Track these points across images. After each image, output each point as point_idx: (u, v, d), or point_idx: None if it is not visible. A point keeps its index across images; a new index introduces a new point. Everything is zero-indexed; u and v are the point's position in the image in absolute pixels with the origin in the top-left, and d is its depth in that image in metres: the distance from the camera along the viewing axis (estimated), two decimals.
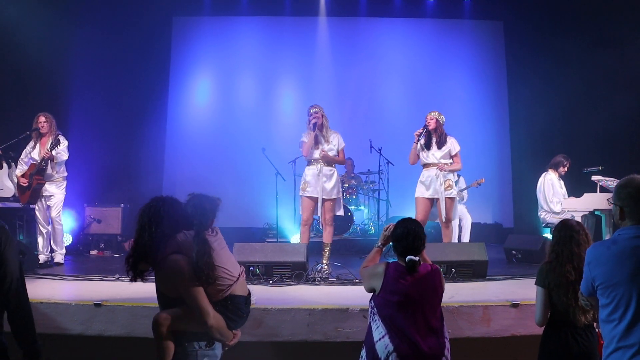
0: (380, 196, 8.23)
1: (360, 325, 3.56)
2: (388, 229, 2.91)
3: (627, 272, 2.04)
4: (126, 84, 8.80)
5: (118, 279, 4.86)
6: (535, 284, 2.81)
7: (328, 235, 5.44)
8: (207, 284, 2.46)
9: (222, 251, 2.61)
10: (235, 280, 2.60)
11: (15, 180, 5.98)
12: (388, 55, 9.81)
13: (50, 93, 7.91)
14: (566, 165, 6.58)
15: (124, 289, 4.39)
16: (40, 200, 5.85)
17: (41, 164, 5.70)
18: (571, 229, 2.80)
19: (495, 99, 9.85)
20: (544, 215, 6.56)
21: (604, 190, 5.91)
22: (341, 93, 9.58)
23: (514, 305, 3.80)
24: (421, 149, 5.61)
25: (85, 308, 3.79)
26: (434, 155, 5.55)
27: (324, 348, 3.62)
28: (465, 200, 7.66)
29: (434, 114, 5.60)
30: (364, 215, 8.83)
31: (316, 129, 5.34)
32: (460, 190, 7.45)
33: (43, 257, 5.88)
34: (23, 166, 5.88)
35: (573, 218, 4.23)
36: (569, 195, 6.38)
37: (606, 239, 4.00)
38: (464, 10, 9.87)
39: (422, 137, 5.59)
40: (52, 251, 5.99)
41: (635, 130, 7.99)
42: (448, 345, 2.63)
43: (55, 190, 5.87)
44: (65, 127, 6.59)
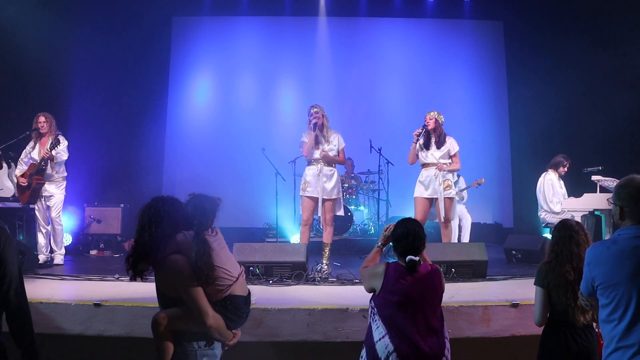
0: (380, 196, 8.23)
1: (360, 325, 3.56)
2: (388, 229, 2.91)
3: (627, 272, 2.05)
4: (126, 84, 8.81)
5: (118, 279, 4.86)
6: (535, 284, 2.81)
7: (328, 235, 5.43)
8: (207, 284, 2.45)
9: (222, 251, 2.61)
10: (235, 281, 2.59)
11: (15, 180, 5.98)
12: (388, 55, 9.81)
13: (50, 93, 7.90)
14: (566, 166, 6.58)
15: (124, 289, 4.39)
16: (40, 201, 5.85)
17: (41, 164, 5.70)
18: (571, 229, 2.80)
19: (495, 99, 9.86)
20: (544, 215, 6.56)
21: (603, 190, 5.91)
22: (341, 93, 9.58)
23: (514, 305, 3.80)
24: (420, 148, 5.60)
25: (85, 308, 3.78)
26: (433, 155, 5.55)
27: (324, 348, 3.62)
28: (465, 200, 7.66)
29: (433, 113, 5.60)
30: (363, 215, 8.83)
31: (316, 129, 5.33)
32: (460, 190, 7.44)
33: (43, 257, 5.88)
34: (23, 166, 5.87)
35: (573, 218, 4.23)
36: (568, 195, 6.38)
37: (606, 239, 3.99)
38: (464, 10, 9.88)
39: (421, 137, 5.59)
40: (52, 251, 5.99)
41: (635, 130, 7.99)
42: (448, 345, 2.63)
43: (55, 191, 5.87)
44: (65, 127, 6.58)
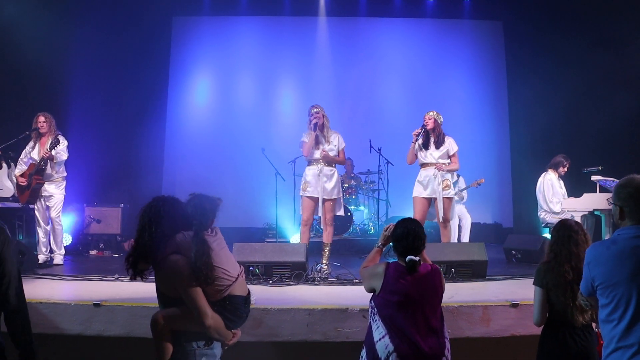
0: (379, 196, 8.22)
1: (359, 325, 3.56)
2: (388, 229, 2.91)
3: (627, 272, 2.05)
4: (126, 84, 8.80)
5: (117, 279, 4.86)
6: (534, 284, 2.81)
7: (328, 236, 5.43)
8: (206, 284, 2.45)
9: (222, 251, 2.60)
10: (234, 281, 2.59)
11: (15, 180, 5.98)
12: (388, 55, 9.81)
13: (49, 93, 7.89)
14: (566, 166, 6.58)
15: (124, 289, 4.39)
16: (40, 201, 5.85)
17: (40, 164, 5.70)
18: (570, 229, 2.80)
19: (495, 99, 9.86)
20: (544, 215, 6.56)
21: (603, 190, 5.91)
22: (341, 93, 9.58)
23: (514, 305, 3.80)
24: (419, 148, 5.60)
25: (84, 308, 3.78)
26: (432, 155, 5.55)
27: (324, 348, 3.62)
28: (465, 200, 7.66)
29: (432, 113, 5.60)
30: (363, 215, 8.83)
31: (317, 129, 5.33)
32: (460, 190, 7.44)
33: (42, 257, 5.87)
34: (22, 166, 5.87)
35: (572, 218, 4.23)
36: (568, 195, 6.38)
37: (606, 239, 3.99)
38: (464, 10, 9.88)
39: (420, 137, 5.59)
40: (52, 251, 5.99)
41: (635, 130, 7.99)
42: (448, 345, 2.63)
43: (54, 191, 5.86)
44: (65, 127, 6.57)
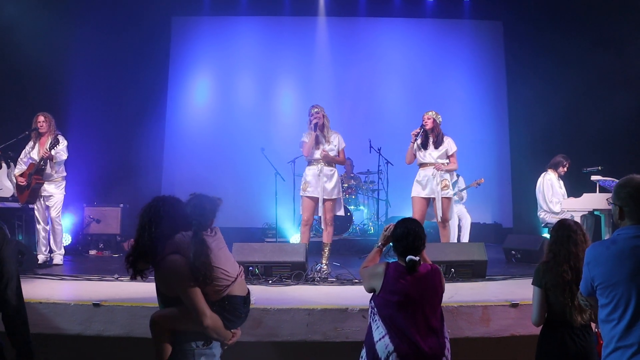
0: (379, 196, 8.22)
1: (359, 325, 3.56)
2: (388, 229, 2.91)
3: (627, 272, 2.04)
4: (125, 84, 8.79)
5: (117, 279, 4.86)
6: (532, 283, 2.81)
7: (328, 236, 5.43)
8: (205, 284, 2.45)
9: (220, 251, 2.60)
10: (233, 281, 2.58)
11: (14, 180, 5.98)
12: (387, 55, 9.80)
13: (49, 93, 7.89)
14: (565, 166, 6.58)
15: (123, 289, 4.39)
16: (40, 200, 5.85)
17: (40, 164, 5.69)
18: (568, 229, 2.80)
19: (495, 99, 9.86)
20: (543, 215, 6.56)
21: (603, 190, 5.91)
22: (340, 93, 9.58)
23: (514, 305, 3.80)
24: (418, 148, 5.61)
25: (84, 308, 3.78)
26: (431, 155, 5.56)
27: (324, 348, 3.62)
28: (464, 200, 7.65)
29: (431, 113, 5.60)
30: (363, 215, 8.83)
31: (317, 129, 5.34)
32: (460, 190, 7.45)
33: (42, 257, 5.87)
34: (22, 166, 5.87)
35: (572, 218, 4.23)
36: (568, 195, 6.38)
37: (605, 238, 3.99)
38: (464, 11, 9.88)
39: (419, 137, 5.59)
40: (51, 251, 5.98)
41: (635, 130, 7.98)
42: (448, 345, 2.63)
43: (54, 190, 5.86)
44: (65, 127, 6.57)
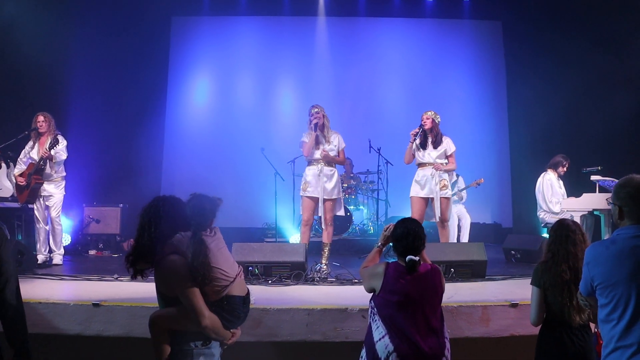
0: (379, 196, 8.22)
1: (359, 325, 3.56)
2: (388, 229, 2.91)
3: (626, 272, 2.04)
4: (125, 84, 8.79)
5: (117, 279, 4.85)
6: (531, 283, 2.81)
7: (328, 236, 5.43)
8: (203, 284, 2.45)
9: (219, 252, 2.59)
10: (232, 281, 2.58)
11: (14, 180, 5.98)
12: (387, 55, 9.80)
13: (49, 93, 7.89)
14: (565, 165, 6.58)
15: (123, 289, 4.38)
16: (39, 200, 5.85)
17: (40, 164, 5.69)
18: (567, 229, 2.81)
19: (495, 99, 9.86)
20: (543, 215, 6.56)
21: (602, 190, 5.90)
22: (340, 93, 9.58)
23: (513, 305, 3.80)
24: (417, 148, 5.61)
25: (83, 308, 3.77)
26: (430, 155, 5.56)
27: (323, 348, 3.62)
28: (464, 200, 7.65)
29: (430, 113, 5.60)
30: (363, 215, 8.82)
31: (317, 129, 5.34)
32: (460, 190, 7.44)
33: (41, 257, 5.87)
34: (22, 166, 5.87)
35: (572, 218, 4.23)
36: (568, 195, 6.38)
37: (605, 238, 4.00)
38: (463, 10, 9.88)
39: (418, 137, 5.59)
40: (51, 251, 5.98)
41: (635, 130, 7.98)
42: (448, 345, 2.63)
43: (54, 190, 5.86)
44: (64, 127, 6.57)
